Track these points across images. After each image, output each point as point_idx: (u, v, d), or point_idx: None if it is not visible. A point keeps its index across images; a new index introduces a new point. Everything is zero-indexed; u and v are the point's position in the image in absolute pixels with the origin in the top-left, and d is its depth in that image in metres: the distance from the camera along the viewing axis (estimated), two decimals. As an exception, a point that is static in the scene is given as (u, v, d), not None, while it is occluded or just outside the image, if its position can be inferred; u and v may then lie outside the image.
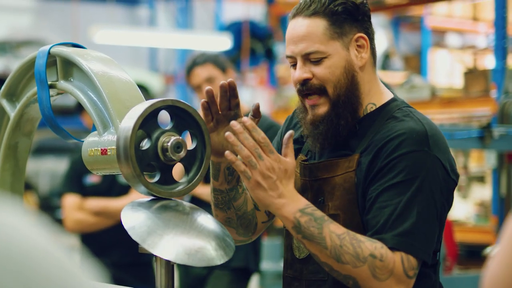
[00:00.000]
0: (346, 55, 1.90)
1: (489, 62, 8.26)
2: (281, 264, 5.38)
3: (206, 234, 1.66)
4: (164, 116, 1.76)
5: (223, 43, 8.51)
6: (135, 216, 1.64)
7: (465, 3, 9.12)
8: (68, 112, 8.51)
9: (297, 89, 1.92)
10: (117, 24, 10.16)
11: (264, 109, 8.01)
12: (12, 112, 2.02)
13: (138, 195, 3.98)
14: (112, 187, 4.16)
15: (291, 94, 6.90)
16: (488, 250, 3.53)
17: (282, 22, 7.68)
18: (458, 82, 7.52)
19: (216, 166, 1.92)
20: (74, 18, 9.50)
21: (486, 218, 5.15)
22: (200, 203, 3.45)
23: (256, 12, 10.26)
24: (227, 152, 1.74)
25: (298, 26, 1.90)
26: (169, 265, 1.68)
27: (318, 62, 1.89)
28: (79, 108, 4.23)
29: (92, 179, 4.16)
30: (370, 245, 1.75)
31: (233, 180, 1.94)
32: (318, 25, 1.88)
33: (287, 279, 1.99)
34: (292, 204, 1.78)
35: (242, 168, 1.74)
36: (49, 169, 9.64)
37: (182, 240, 1.61)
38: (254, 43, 8.45)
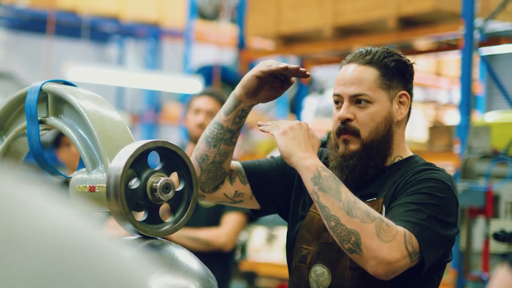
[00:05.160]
0: (389, 106, 2.05)
1: (449, 117, 8.42)
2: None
3: (191, 274, 1.69)
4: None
5: (194, 86, 8.56)
6: (121, 254, 1.66)
7: (428, 59, 9.33)
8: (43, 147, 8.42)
9: (337, 127, 2.06)
10: (86, 61, 10.17)
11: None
12: (-1, 145, 2.04)
13: (109, 231, 4.01)
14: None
15: (258, 140, 6.98)
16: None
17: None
18: (419, 135, 7.66)
19: (236, 102, 2.07)
20: (48, 54, 9.49)
21: (445, 271, 5.23)
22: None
23: (225, 57, 10.36)
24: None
25: (352, 70, 2.06)
26: (152, 303, 1.70)
27: (363, 106, 2.04)
28: (55, 144, 4.23)
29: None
30: (379, 214, 1.87)
31: (238, 125, 2.09)
32: (371, 73, 2.04)
33: None
34: (315, 161, 1.94)
35: (270, 125, 1.99)
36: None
37: (167, 279, 1.64)
38: (224, 87, 8.52)
